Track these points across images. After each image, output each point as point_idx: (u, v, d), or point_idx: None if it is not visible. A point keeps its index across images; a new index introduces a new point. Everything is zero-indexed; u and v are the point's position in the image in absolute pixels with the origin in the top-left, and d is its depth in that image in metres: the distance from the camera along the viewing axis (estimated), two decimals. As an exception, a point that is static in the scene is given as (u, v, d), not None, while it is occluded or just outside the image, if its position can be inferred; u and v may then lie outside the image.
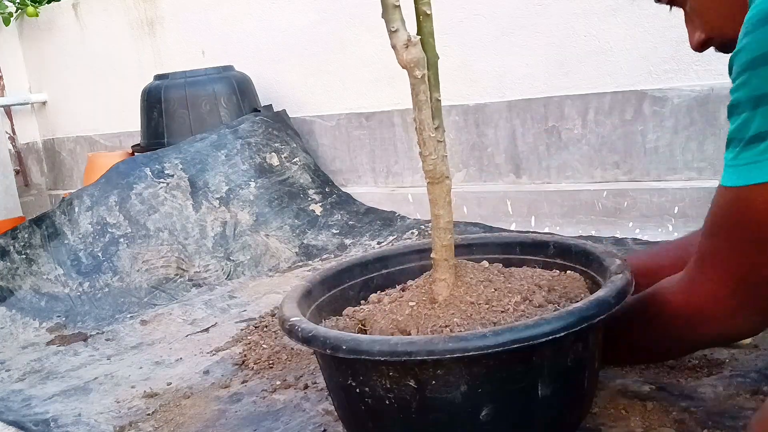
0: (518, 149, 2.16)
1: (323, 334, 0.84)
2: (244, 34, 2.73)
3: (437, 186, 0.92)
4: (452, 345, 0.76)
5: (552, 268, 1.03)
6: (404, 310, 0.93)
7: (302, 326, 0.87)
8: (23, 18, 3.53)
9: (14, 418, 1.28)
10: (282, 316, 0.93)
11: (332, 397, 0.98)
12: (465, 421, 0.81)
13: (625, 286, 0.86)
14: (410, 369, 0.80)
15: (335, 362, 0.88)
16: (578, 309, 0.80)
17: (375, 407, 0.85)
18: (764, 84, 0.68)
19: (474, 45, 2.16)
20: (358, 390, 0.85)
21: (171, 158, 2.23)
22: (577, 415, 0.92)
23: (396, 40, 0.85)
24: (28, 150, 3.75)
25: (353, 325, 0.96)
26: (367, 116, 2.46)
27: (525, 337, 0.76)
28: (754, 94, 0.69)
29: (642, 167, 1.95)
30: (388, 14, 0.84)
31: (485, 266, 1.00)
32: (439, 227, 0.93)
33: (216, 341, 1.54)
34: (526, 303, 0.91)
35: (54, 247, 1.97)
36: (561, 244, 1.09)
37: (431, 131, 0.89)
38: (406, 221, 2.24)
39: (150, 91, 2.52)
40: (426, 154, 0.90)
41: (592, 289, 0.97)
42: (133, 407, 1.26)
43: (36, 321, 1.79)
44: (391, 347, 0.78)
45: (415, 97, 0.87)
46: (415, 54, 0.85)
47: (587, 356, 0.87)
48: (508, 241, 1.16)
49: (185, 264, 2.01)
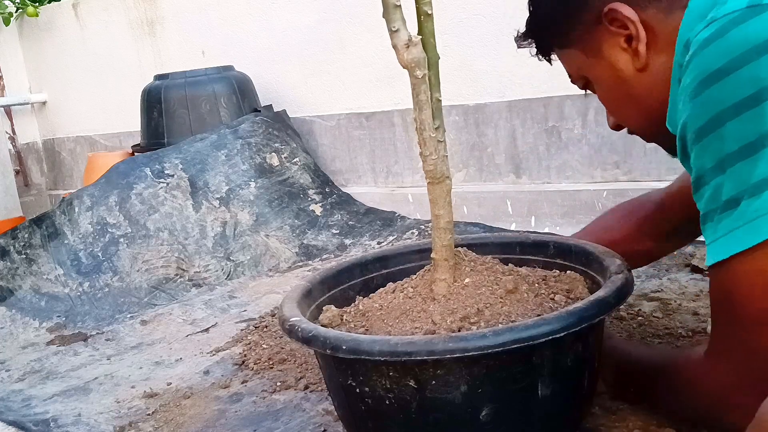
0: (518, 149, 2.16)
1: (323, 334, 0.84)
2: (244, 34, 2.73)
3: (438, 186, 0.91)
4: (452, 345, 0.76)
5: (552, 268, 1.03)
6: (403, 308, 0.93)
7: (302, 326, 0.87)
8: (23, 18, 3.53)
9: (14, 418, 1.28)
10: (282, 316, 0.93)
11: (332, 397, 0.98)
12: (465, 421, 0.81)
13: (625, 286, 0.86)
14: (410, 369, 0.80)
15: (335, 362, 0.87)
16: (578, 309, 0.80)
17: (375, 407, 0.85)
18: (725, 145, 0.65)
19: (474, 45, 2.16)
20: (358, 390, 0.85)
21: (171, 158, 2.23)
22: (577, 415, 0.91)
23: (397, 40, 0.85)
24: (28, 150, 3.75)
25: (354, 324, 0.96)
26: (367, 116, 2.46)
27: (525, 337, 0.76)
28: (718, 157, 0.66)
29: (642, 167, 1.95)
30: (389, 14, 0.84)
31: (488, 264, 0.99)
32: (440, 227, 0.93)
33: (216, 341, 1.54)
34: (526, 302, 0.91)
35: (54, 247, 1.97)
36: (561, 244, 1.08)
37: (432, 131, 0.89)
38: (406, 221, 2.24)
39: (150, 91, 2.52)
40: (427, 154, 0.90)
41: (592, 289, 0.97)
42: (133, 407, 1.26)
43: (36, 321, 1.79)
44: (391, 347, 0.78)
45: (416, 97, 0.87)
46: (416, 54, 0.85)
47: (587, 356, 0.87)
48: (507, 241, 1.15)
49: (185, 264, 2.01)
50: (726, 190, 0.66)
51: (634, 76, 0.83)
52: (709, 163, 0.67)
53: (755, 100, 0.63)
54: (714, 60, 0.66)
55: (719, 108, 0.65)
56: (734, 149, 0.65)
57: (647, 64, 0.81)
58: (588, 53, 0.87)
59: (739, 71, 0.64)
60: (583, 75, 0.91)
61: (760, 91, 0.63)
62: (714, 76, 0.66)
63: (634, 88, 0.84)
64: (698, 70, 0.68)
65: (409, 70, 0.86)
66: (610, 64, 0.85)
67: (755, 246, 0.64)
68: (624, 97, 0.86)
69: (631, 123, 0.91)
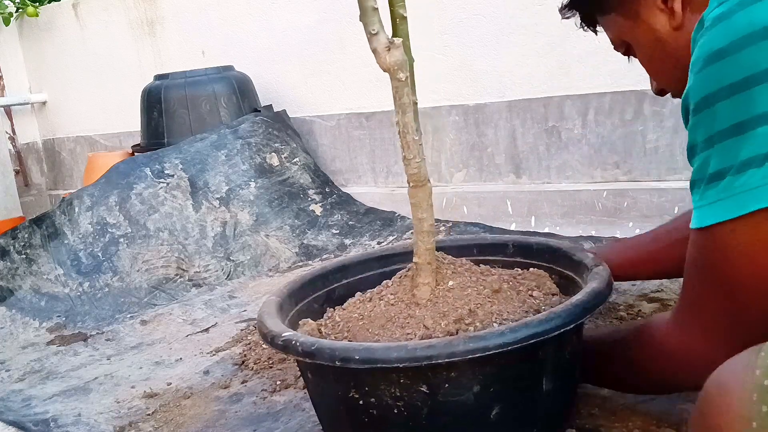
0: (518, 149, 2.16)
1: (329, 346, 0.82)
2: (244, 34, 2.73)
3: (421, 189, 0.91)
4: (473, 345, 0.75)
5: (513, 267, 1.04)
6: (387, 316, 0.92)
7: (301, 340, 0.84)
8: (23, 18, 3.53)
9: (14, 418, 1.28)
10: (270, 332, 0.88)
11: (323, 413, 0.95)
12: (476, 421, 0.81)
13: (610, 277, 0.89)
14: (423, 374, 0.78)
15: (335, 374, 0.85)
16: (582, 301, 0.81)
17: (381, 417, 0.83)
18: (716, 122, 0.68)
19: (474, 45, 2.16)
20: (362, 402, 0.83)
21: (171, 158, 2.23)
22: (573, 406, 0.93)
23: (377, 43, 0.84)
24: (28, 150, 3.75)
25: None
26: (367, 116, 2.46)
27: (540, 331, 0.77)
28: (709, 133, 0.69)
29: (642, 167, 1.95)
30: (367, 17, 0.84)
31: (466, 266, 1.00)
32: (423, 230, 0.92)
33: (216, 341, 1.54)
34: (512, 301, 0.92)
35: (54, 247, 1.97)
36: (521, 242, 1.10)
37: (414, 134, 0.89)
38: (406, 221, 2.24)
39: (150, 91, 2.52)
40: (410, 158, 0.89)
41: (560, 284, 0.99)
42: (133, 407, 1.26)
43: (36, 321, 1.79)
44: (409, 353, 0.76)
45: (399, 100, 0.87)
46: (398, 56, 0.85)
47: (580, 348, 0.89)
48: (463, 243, 1.16)
49: (185, 264, 2.01)
50: (713, 164, 0.69)
51: (671, 35, 0.85)
52: (701, 137, 0.71)
53: (747, 84, 0.66)
54: (718, 40, 0.69)
55: (716, 87, 0.68)
56: (723, 127, 0.68)
57: (683, 23, 0.83)
58: (627, 17, 0.89)
59: (738, 54, 0.67)
60: (624, 40, 0.93)
61: (753, 76, 0.66)
62: (716, 55, 0.69)
63: (671, 46, 0.86)
64: (704, 47, 0.70)
65: (391, 73, 0.85)
66: (648, 25, 0.87)
67: (739, 217, 0.68)
68: (662, 58, 0.88)
69: (671, 85, 0.93)
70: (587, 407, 0.99)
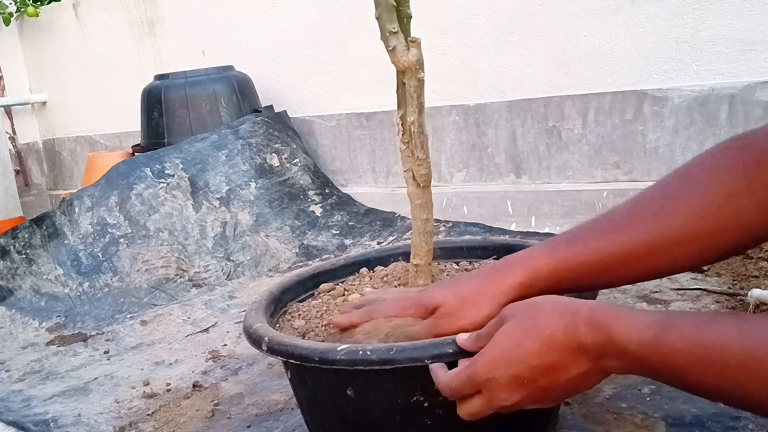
0: (518, 149, 2.16)
1: (350, 349, 0.75)
2: (244, 34, 2.73)
3: (427, 189, 0.91)
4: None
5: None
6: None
7: (318, 348, 0.78)
8: (23, 18, 3.53)
9: (14, 418, 1.27)
10: (271, 338, 0.83)
11: (320, 423, 0.92)
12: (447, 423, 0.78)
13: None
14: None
15: (338, 377, 0.80)
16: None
17: (367, 417, 0.81)
18: None
19: (474, 45, 2.16)
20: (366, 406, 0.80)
21: (171, 158, 2.23)
22: (555, 408, 0.94)
23: (397, 41, 0.84)
24: (28, 150, 3.75)
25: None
26: (368, 116, 2.46)
27: None
28: None
29: (642, 167, 1.95)
30: (387, 14, 0.83)
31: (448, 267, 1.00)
32: (426, 231, 0.92)
33: (216, 341, 1.54)
34: None
35: (54, 247, 1.97)
36: (472, 244, 1.09)
37: (426, 135, 0.88)
38: (406, 221, 2.24)
39: (150, 91, 2.52)
40: (423, 158, 0.89)
41: None
42: (133, 407, 1.26)
43: (36, 321, 1.79)
44: (388, 354, 0.72)
45: (417, 99, 0.86)
46: (418, 55, 0.84)
47: None
48: (451, 246, 1.13)
49: (185, 264, 2.01)
50: None
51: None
52: None
53: None
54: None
55: None
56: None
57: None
58: None
59: None
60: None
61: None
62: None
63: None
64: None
65: (411, 73, 0.85)
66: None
67: None
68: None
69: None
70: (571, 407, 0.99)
